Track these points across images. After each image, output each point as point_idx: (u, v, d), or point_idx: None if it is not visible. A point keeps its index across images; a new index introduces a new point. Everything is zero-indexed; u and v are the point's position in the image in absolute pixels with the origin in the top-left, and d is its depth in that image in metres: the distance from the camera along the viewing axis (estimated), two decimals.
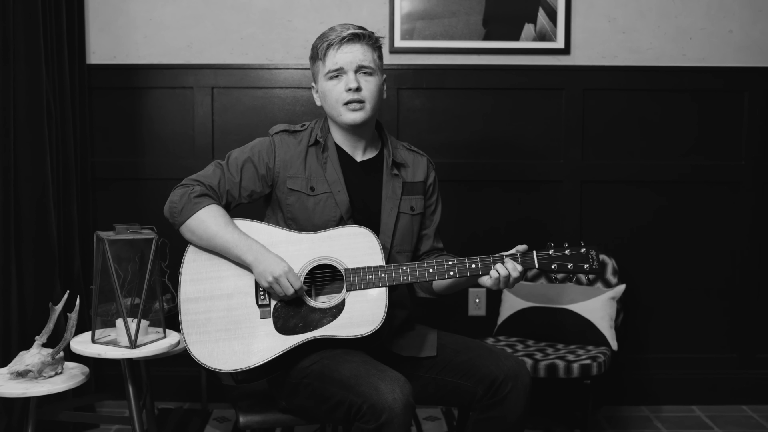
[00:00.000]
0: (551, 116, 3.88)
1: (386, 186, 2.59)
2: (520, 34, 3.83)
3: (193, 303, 2.40)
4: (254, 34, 3.83)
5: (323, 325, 2.37)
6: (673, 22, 3.85)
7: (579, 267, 2.42)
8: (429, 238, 2.70)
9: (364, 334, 2.34)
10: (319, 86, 2.56)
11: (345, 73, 2.48)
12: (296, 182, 2.52)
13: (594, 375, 3.24)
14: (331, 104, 2.52)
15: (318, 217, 2.50)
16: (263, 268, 2.36)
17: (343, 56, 2.48)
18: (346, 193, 2.52)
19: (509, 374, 2.36)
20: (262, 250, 2.39)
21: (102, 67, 3.81)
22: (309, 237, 2.45)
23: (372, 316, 2.36)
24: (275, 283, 2.35)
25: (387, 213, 2.56)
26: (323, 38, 2.51)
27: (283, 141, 2.57)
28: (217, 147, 3.83)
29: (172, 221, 2.48)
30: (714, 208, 3.93)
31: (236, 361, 2.35)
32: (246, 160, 2.54)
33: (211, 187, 2.49)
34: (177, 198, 2.47)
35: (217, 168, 2.54)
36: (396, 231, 2.57)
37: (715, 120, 3.89)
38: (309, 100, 3.82)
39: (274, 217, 2.59)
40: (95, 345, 2.66)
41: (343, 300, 2.38)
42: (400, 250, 2.58)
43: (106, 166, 3.85)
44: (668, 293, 3.95)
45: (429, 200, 2.70)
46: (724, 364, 3.99)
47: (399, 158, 2.63)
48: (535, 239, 3.78)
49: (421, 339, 2.55)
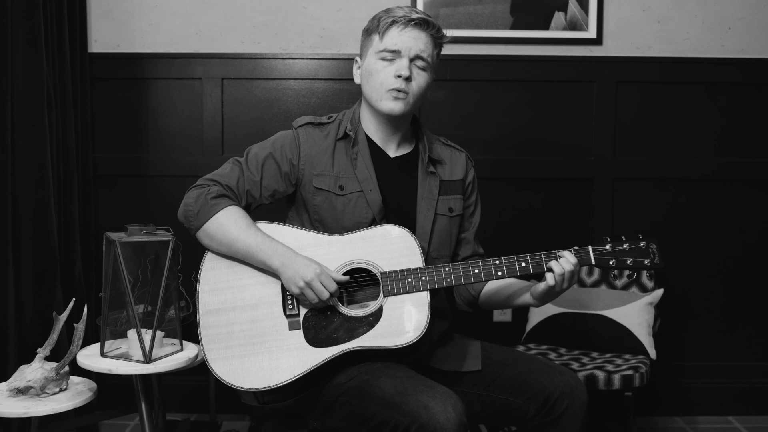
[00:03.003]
0: (582, 110, 3.69)
1: (422, 185, 2.37)
2: (550, 23, 3.63)
3: (214, 315, 2.18)
4: (267, 21, 3.63)
5: (360, 335, 2.15)
6: (710, 10, 3.67)
7: (639, 262, 2.23)
8: (469, 243, 2.49)
9: (407, 344, 2.12)
10: (365, 62, 2.34)
11: (400, 57, 2.27)
12: (323, 180, 2.30)
13: (636, 387, 3.04)
14: (374, 86, 2.30)
15: (348, 218, 2.28)
16: (292, 273, 2.14)
17: (404, 39, 2.27)
18: (378, 192, 2.30)
19: (565, 390, 2.14)
20: (289, 253, 2.17)
21: (105, 56, 3.61)
22: (339, 239, 2.23)
23: (414, 323, 2.14)
24: (307, 288, 2.13)
25: (423, 215, 2.34)
26: (389, 13, 2.30)
27: (309, 135, 2.35)
28: (227, 142, 3.63)
29: (187, 226, 2.27)
30: (753, 207, 3.75)
31: (263, 378, 2.13)
32: (267, 157, 2.32)
33: (229, 186, 2.28)
34: (192, 200, 2.25)
35: (236, 166, 2.33)
36: (433, 235, 2.35)
37: (754, 115, 3.71)
38: (325, 93, 3.61)
39: (298, 219, 2.37)
40: (105, 359, 2.42)
41: (381, 307, 2.17)
42: (438, 256, 2.36)
43: (109, 162, 3.64)
44: (704, 298, 3.77)
45: (468, 200, 2.49)
46: (763, 372, 3.82)
47: (435, 154, 2.41)
48: (561, 242, 3.64)
49: (462, 351, 2.33)
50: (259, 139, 2.43)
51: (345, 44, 3.62)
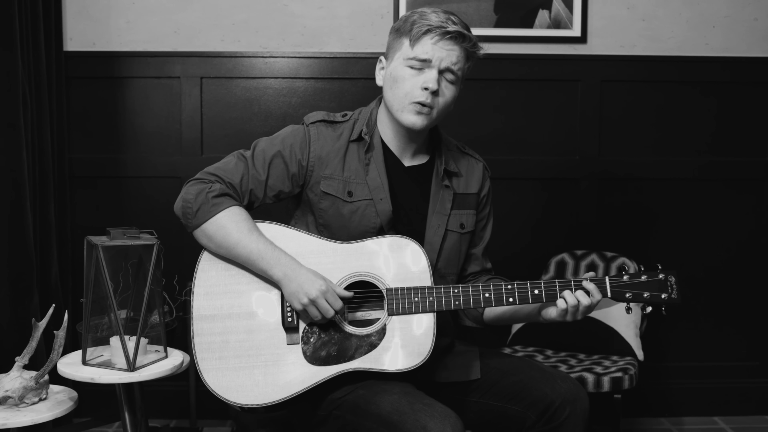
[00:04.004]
0: (566, 109, 3.65)
1: (434, 198, 2.26)
2: (534, 21, 3.59)
3: (208, 321, 2.08)
4: (247, 19, 3.55)
5: (361, 355, 2.06)
6: (695, 9, 3.64)
7: (656, 297, 2.17)
8: (477, 259, 2.38)
9: (407, 369, 2.04)
10: (392, 66, 2.18)
11: (429, 67, 2.13)
12: (332, 185, 2.19)
13: (626, 389, 3.00)
14: (398, 95, 2.16)
15: (354, 226, 2.18)
16: (296, 288, 2.04)
17: (438, 50, 2.12)
18: (389, 202, 2.19)
19: (567, 398, 2.08)
20: (293, 264, 2.07)
21: (80, 54, 3.52)
22: (344, 247, 2.13)
23: (418, 347, 2.06)
24: (311, 305, 2.03)
25: (433, 230, 2.24)
26: (424, 17, 2.13)
27: (321, 133, 2.22)
28: (206, 142, 3.56)
29: (184, 222, 2.15)
30: (739, 207, 3.73)
31: (258, 395, 2.05)
32: (275, 155, 2.19)
33: (231, 184, 2.16)
34: (192, 196, 2.12)
35: (240, 161, 2.20)
36: (442, 251, 2.25)
37: (739, 113, 3.69)
38: (306, 92, 3.55)
39: (303, 220, 2.26)
40: (87, 367, 2.32)
41: (384, 326, 2.08)
42: (445, 273, 2.26)
43: (85, 163, 3.55)
44: (690, 297, 3.73)
45: (481, 213, 2.38)
46: (748, 372, 3.80)
47: (452, 166, 2.29)
48: (545, 243, 3.64)
49: (461, 360, 2.26)
50: (239, 139, 2.35)
51: (327, 42, 3.56)
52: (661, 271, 2.18)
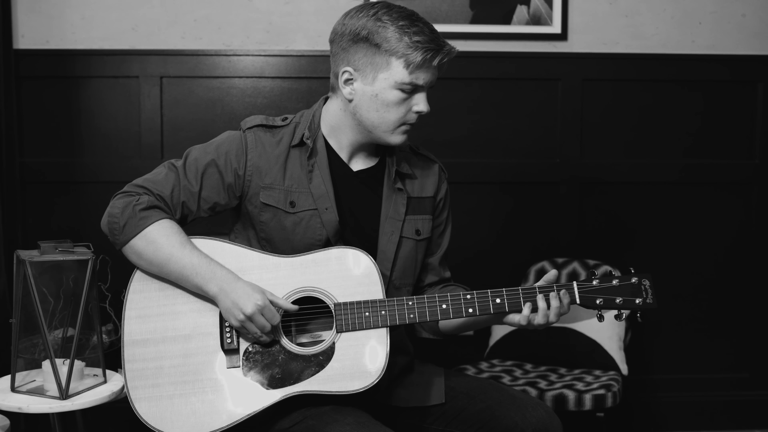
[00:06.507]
0: (546, 110, 3.50)
1: (386, 203, 2.09)
2: (512, 17, 3.43)
3: (141, 347, 1.92)
4: (209, 15, 3.39)
5: (308, 376, 1.90)
6: (680, 4, 3.50)
7: (630, 302, 2.00)
8: (434, 268, 2.22)
9: (358, 390, 1.88)
10: (375, 87, 1.99)
11: (420, 91, 2.00)
12: (272, 195, 2.03)
13: (609, 407, 2.84)
14: (388, 119, 2.00)
15: (299, 239, 2.02)
16: (231, 302, 1.88)
17: (431, 76, 1.99)
18: (335, 211, 2.03)
19: (538, 428, 1.92)
20: (230, 277, 1.91)
21: (32, 52, 3.36)
22: (289, 261, 1.98)
23: (369, 366, 1.90)
24: (248, 322, 1.87)
25: (386, 238, 2.08)
26: (418, 40, 1.93)
27: (259, 139, 2.05)
28: (167, 145, 3.40)
29: (112, 239, 1.99)
30: (726, 211, 3.60)
31: (195, 424, 1.88)
32: (209, 164, 2.03)
33: (161, 196, 2.00)
34: (118, 210, 1.97)
35: (171, 171, 2.04)
36: (396, 261, 2.09)
37: (726, 113, 3.56)
38: (272, 92, 3.38)
39: (244, 235, 2.09)
40: (16, 395, 2.14)
41: (333, 344, 1.92)
42: (401, 285, 2.10)
43: (38, 168, 3.39)
44: (675, 307, 3.60)
45: (438, 218, 2.22)
46: (735, 384, 3.67)
47: (404, 168, 2.13)
48: (525, 250, 3.48)
49: (425, 383, 2.09)
50: (201, 142, 2.18)
51: (293, 40, 3.39)
52: (635, 275, 2.03)
